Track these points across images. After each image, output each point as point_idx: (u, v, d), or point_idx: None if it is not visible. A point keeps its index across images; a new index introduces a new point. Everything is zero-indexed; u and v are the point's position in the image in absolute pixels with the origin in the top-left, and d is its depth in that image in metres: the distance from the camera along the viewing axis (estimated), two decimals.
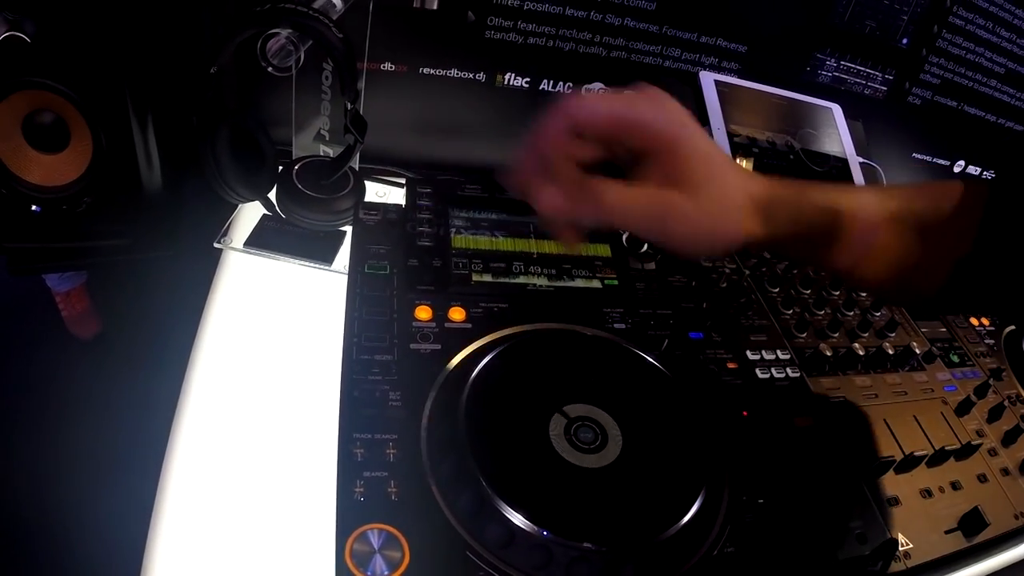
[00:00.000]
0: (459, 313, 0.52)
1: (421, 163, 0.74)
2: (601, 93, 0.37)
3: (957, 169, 1.00)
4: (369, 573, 0.36)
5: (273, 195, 0.62)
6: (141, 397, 1.03)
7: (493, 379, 0.46)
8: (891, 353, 0.62)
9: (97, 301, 1.48)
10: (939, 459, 0.54)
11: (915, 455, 0.52)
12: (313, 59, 0.59)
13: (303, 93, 0.62)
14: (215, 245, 0.62)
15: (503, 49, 0.74)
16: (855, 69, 0.88)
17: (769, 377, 0.55)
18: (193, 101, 0.55)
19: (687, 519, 0.41)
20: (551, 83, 0.78)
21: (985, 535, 0.50)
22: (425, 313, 0.51)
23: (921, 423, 0.57)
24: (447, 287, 0.53)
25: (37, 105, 0.59)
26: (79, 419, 1.27)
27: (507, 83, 0.77)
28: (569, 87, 0.79)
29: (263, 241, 0.63)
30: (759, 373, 0.55)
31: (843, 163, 0.87)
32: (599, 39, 0.76)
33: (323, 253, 0.63)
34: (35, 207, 0.62)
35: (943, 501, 0.51)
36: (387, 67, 0.72)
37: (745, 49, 0.82)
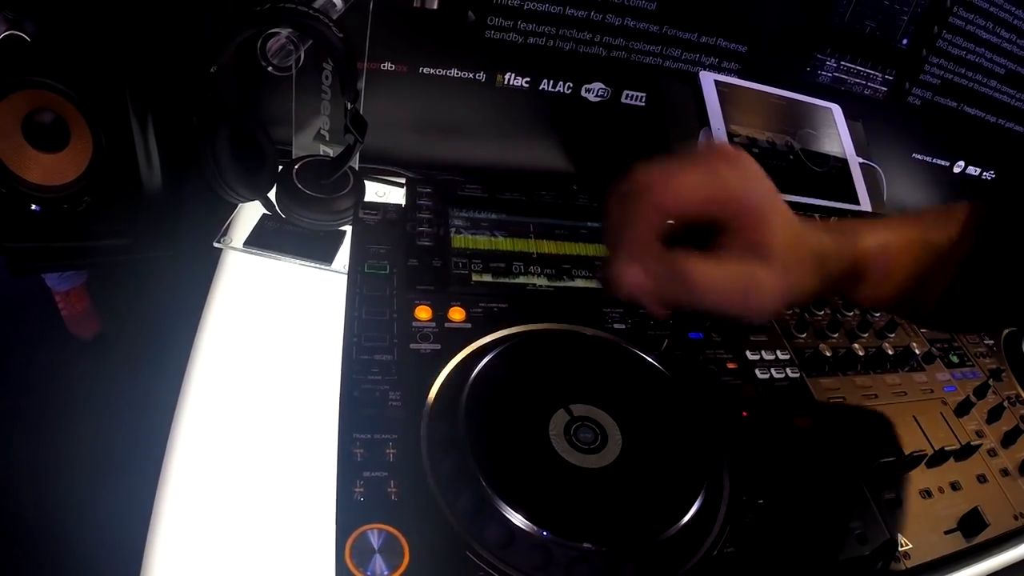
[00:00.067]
0: (459, 313, 0.52)
1: (421, 163, 0.74)
2: (682, 167, 0.36)
3: (957, 169, 1.00)
4: (369, 573, 0.36)
5: (273, 195, 0.62)
6: (141, 397, 1.03)
7: (493, 379, 0.46)
8: (891, 354, 0.62)
9: (97, 301, 1.49)
10: (939, 459, 0.54)
11: (915, 455, 0.52)
12: (313, 59, 0.59)
13: (303, 93, 0.62)
14: (215, 245, 0.62)
15: (503, 49, 0.74)
16: (855, 69, 0.88)
17: (769, 377, 0.55)
18: (193, 101, 0.55)
19: (687, 519, 0.41)
20: (551, 83, 0.78)
21: (985, 535, 0.50)
22: (425, 313, 0.51)
23: (921, 423, 0.57)
24: (447, 287, 0.53)
25: (37, 104, 0.58)
26: (79, 419, 1.27)
27: (507, 83, 0.77)
28: (569, 87, 0.79)
29: (263, 241, 0.63)
30: (759, 373, 0.55)
31: (843, 163, 0.87)
32: (599, 39, 0.76)
33: (323, 253, 0.63)
34: (35, 206, 0.61)
35: (943, 501, 0.51)
36: (387, 67, 0.72)
37: (745, 49, 0.82)
